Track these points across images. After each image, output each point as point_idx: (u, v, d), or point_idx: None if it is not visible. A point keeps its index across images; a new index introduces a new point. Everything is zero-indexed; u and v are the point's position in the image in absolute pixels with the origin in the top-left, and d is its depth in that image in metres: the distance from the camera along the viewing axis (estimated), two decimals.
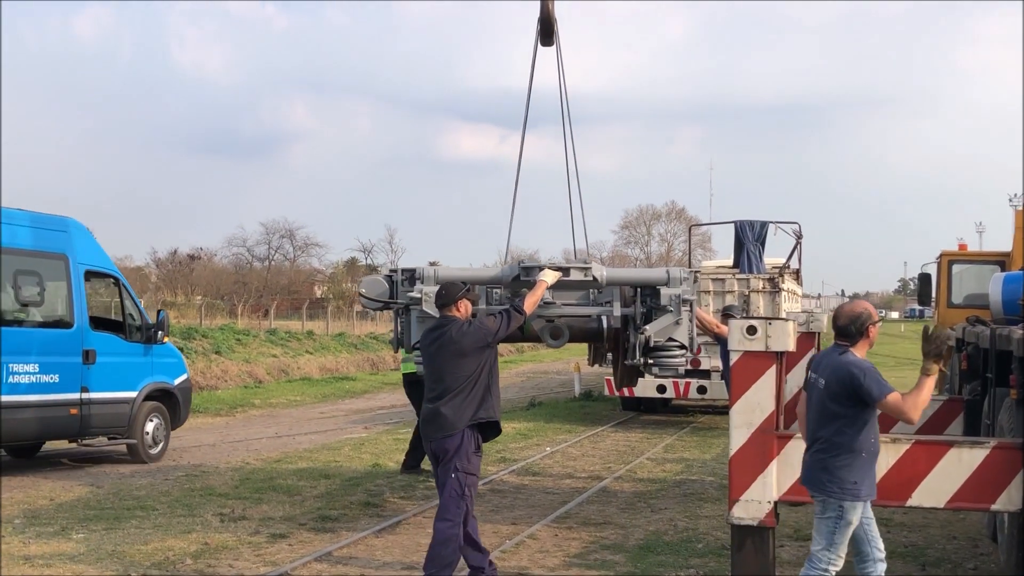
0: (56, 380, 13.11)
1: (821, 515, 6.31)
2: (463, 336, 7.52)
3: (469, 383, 7.50)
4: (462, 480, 7.45)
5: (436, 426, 7.52)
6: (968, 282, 16.12)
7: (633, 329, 9.09)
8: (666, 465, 14.04)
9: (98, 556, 8.74)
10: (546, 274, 8.43)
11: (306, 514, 10.53)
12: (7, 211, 13.04)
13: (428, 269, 8.83)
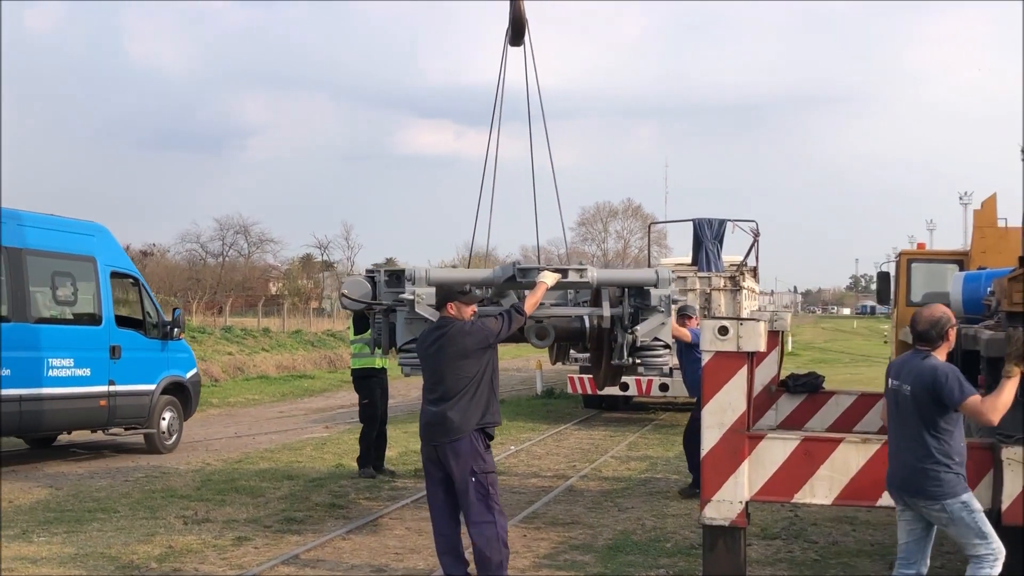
0: (88, 374, 14.14)
1: (948, 521, 6.16)
2: (465, 337, 7.46)
3: (472, 385, 7.44)
4: (483, 480, 7.42)
5: (443, 430, 7.43)
6: (926, 281, 16.28)
7: (620, 329, 9.10)
8: (631, 463, 14.06)
9: (61, 560, 8.60)
10: (546, 276, 8.37)
11: (270, 516, 10.43)
12: (43, 216, 14.30)
13: (420, 270, 8.74)
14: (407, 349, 8.79)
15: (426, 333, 7.80)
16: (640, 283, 9.10)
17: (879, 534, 9.69)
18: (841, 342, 59.25)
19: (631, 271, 9.92)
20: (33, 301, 13.63)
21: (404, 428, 18.25)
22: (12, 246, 13.31)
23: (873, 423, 11.44)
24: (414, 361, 8.70)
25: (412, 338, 8.71)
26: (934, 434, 6.07)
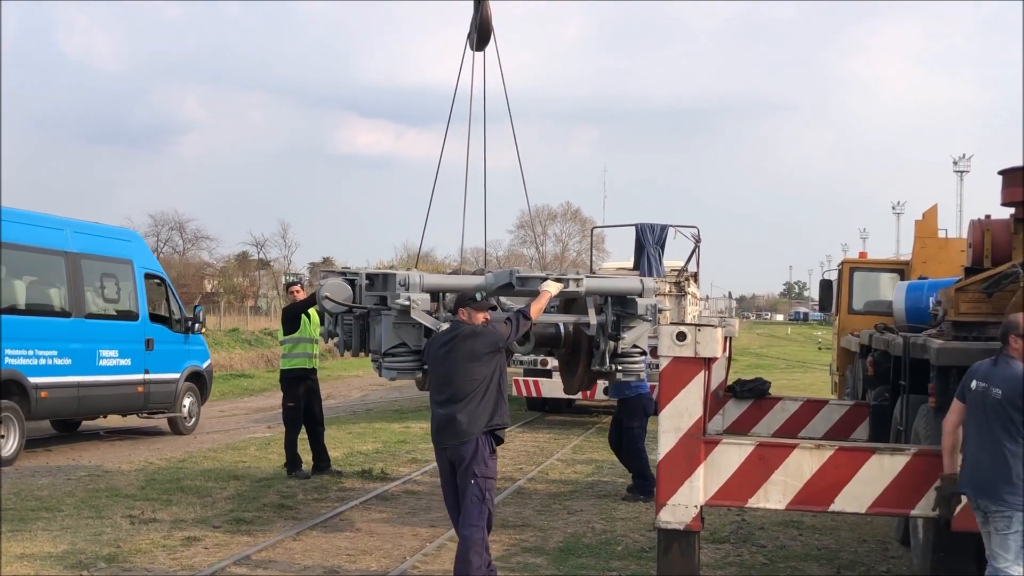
0: (129, 363, 16.13)
1: (1006, 530, 6.09)
2: (475, 339, 7.59)
3: (481, 387, 7.55)
4: (482, 485, 7.51)
5: (451, 433, 7.53)
6: (867, 289, 16.54)
7: (603, 336, 9.18)
8: (576, 466, 14.13)
9: (6, 560, 8.46)
10: (550, 285, 8.44)
11: (219, 516, 10.34)
12: (91, 224, 16.54)
13: (414, 276, 8.72)
14: (393, 353, 8.74)
15: (437, 336, 7.90)
16: (626, 292, 9.24)
17: (826, 538, 9.84)
18: (776, 348, 59.95)
19: (618, 279, 10.01)
20: (86, 299, 15.47)
21: (348, 429, 18.22)
22: (72, 251, 15.26)
23: (818, 429, 11.66)
24: (401, 365, 8.70)
25: (399, 343, 8.68)
26: (1016, 437, 6.07)
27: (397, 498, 11.59)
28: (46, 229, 15.13)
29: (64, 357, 14.75)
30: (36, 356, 14.32)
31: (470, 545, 7.41)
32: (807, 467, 7.22)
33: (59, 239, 15.18)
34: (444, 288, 9.24)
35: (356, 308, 9.17)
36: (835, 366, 17.41)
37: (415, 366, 8.80)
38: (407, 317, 8.60)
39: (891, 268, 16.70)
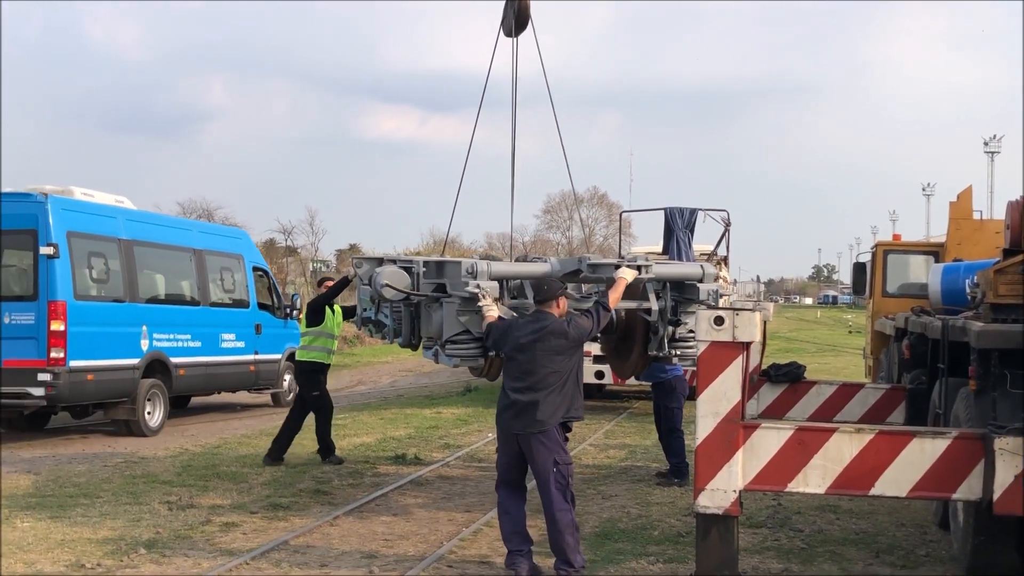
0: (243, 346, 18.58)
1: None
2: (563, 336, 7.73)
3: (561, 380, 7.73)
4: (565, 472, 7.74)
5: (527, 421, 7.68)
6: (902, 271, 16.42)
7: (663, 322, 9.15)
8: (609, 451, 14.12)
9: (48, 546, 8.54)
10: (625, 272, 8.37)
11: (255, 502, 10.40)
12: (210, 224, 22.16)
13: (482, 264, 8.65)
14: (455, 340, 8.69)
15: (523, 324, 7.92)
16: (688, 278, 9.20)
17: (863, 522, 9.79)
18: (806, 332, 59.58)
19: (680, 265, 10.01)
20: (210, 290, 18.10)
21: (379, 415, 18.31)
22: (198, 248, 18.00)
23: (853, 413, 11.57)
24: (464, 352, 8.66)
25: (462, 330, 8.62)
26: None
27: (431, 483, 11.62)
28: (178, 230, 18.43)
29: (195, 340, 17.25)
30: (175, 339, 16.78)
31: (564, 527, 7.66)
32: (847, 451, 7.18)
33: (188, 238, 18.10)
34: (511, 275, 9.20)
35: (415, 296, 9.14)
36: (869, 349, 17.29)
37: (478, 353, 8.74)
38: (472, 305, 8.54)
39: (925, 250, 16.57)
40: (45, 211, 14.56)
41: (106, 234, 15.78)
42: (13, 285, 14.92)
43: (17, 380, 14.40)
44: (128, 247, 16.10)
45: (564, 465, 7.77)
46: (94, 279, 15.45)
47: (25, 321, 14.53)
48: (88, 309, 15.00)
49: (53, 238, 14.53)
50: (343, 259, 65.99)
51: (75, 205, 15.45)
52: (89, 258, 15.31)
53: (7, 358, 14.43)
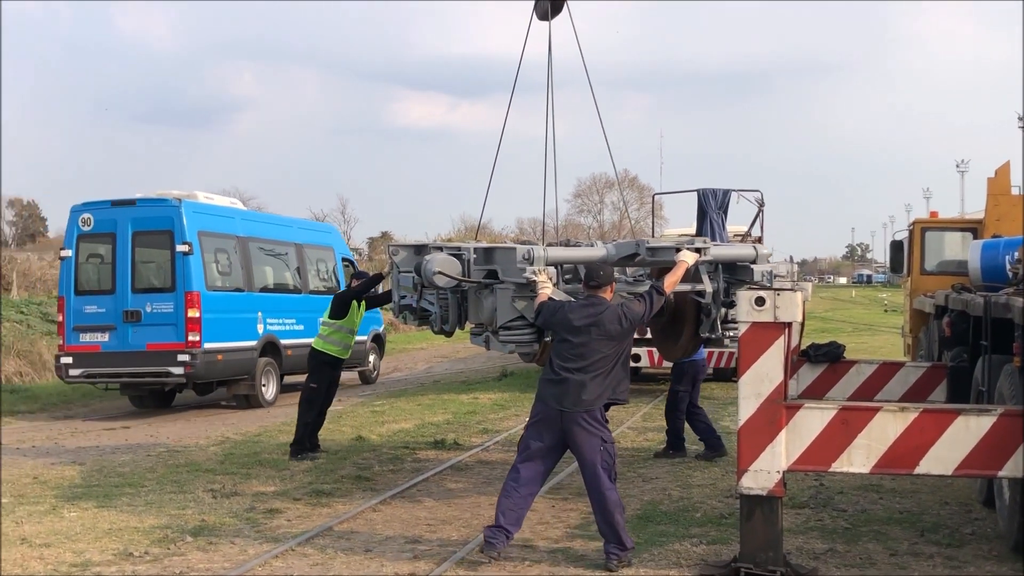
0: None
1: None
2: (617, 322, 7.73)
3: (610, 364, 7.76)
4: (610, 451, 7.81)
5: (575, 400, 7.68)
6: (939, 249, 16.28)
7: (715, 304, 9.12)
8: (648, 434, 14.11)
9: (96, 535, 8.64)
10: (686, 255, 8.30)
11: (298, 489, 10.47)
12: (306, 220, 23.74)
13: (538, 250, 8.62)
14: (509, 327, 8.68)
15: (574, 307, 7.89)
16: (741, 259, 9.11)
17: (907, 502, 9.74)
18: (841, 311, 59.22)
19: (734, 246, 9.98)
20: (309, 279, 20.36)
21: (417, 401, 18.36)
22: (298, 242, 20.37)
23: (894, 392, 11.50)
24: (518, 338, 8.64)
25: (517, 316, 8.60)
26: None
27: (471, 468, 11.66)
28: (282, 227, 20.67)
29: (299, 324, 19.14)
30: (283, 323, 18.86)
31: (613, 507, 7.69)
32: (891, 430, 7.14)
33: (290, 234, 20.45)
34: (567, 260, 9.16)
35: (466, 282, 9.13)
36: (907, 328, 17.16)
37: (533, 338, 8.71)
38: (526, 291, 8.52)
39: (963, 227, 16.41)
40: (180, 214, 16.83)
41: (227, 232, 18.13)
42: (153, 279, 17.32)
43: (160, 361, 16.71)
44: (244, 243, 18.53)
45: (610, 444, 7.82)
46: (219, 272, 17.74)
47: (165, 310, 16.86)
48: (216, 298, 17.31)
49: (187, 237, 16.83)
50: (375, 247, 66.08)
51: (202, 208, 17.68)
52: (215, 254, 17.66)
53: (150, 342, 16.81)
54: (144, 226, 17.05)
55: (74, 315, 17.20)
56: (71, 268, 17.33)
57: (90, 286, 17.40)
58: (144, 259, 17.33)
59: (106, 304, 17.09)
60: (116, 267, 17.06)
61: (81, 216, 17.40)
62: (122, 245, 17.04)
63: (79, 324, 17.16)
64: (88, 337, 17.09)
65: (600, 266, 8.25)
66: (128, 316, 16.88)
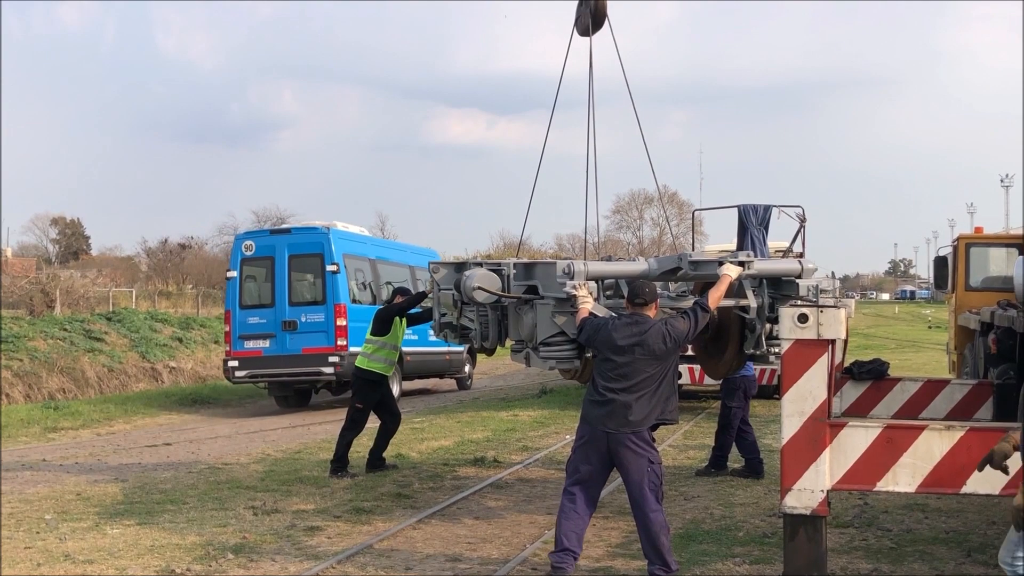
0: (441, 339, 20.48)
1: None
2: (663, 341, 7.61)
3: (656, 383, 7.63)
4: (658, 472, 7.69)
5: (623, 420, 7.57)
6: (984, 265, 16.10)
7: (760, 320, 9.02)
8: (689, 452, 14.02)
9: (138, 552, 8.67)
10: (730, 269, 8.19)
11: (339, 506, 10.48)
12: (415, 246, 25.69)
13: (578, 264, 8.58)
14: (549, 343, 8.65)
15: (618, 325, 7.75)
16: (786, 274, 8.98)
17: (953, 521, 9.61)
18: (884, 328, 58.71)
19: (779, 261, 9.85)
20: None
21: (456, 418, 18.35)
22: (410, 264, 23.84)
23: (939, 410, 11.35)
24: (559, 354, 8.60)
25: (557, 331, 8.57)
26: None
27: (511, 486, 11.63)
28: (399, 251, 24.50)
29: (414, 334, 19.73)
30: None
31: (659, 528, 7.58)
32: (937, 449, 7.05)
33: (405, 257, 24.06)
34: (608, 275, 9.11)
35: (506, 298, 9.11)
36: (952, 345, 16.98)
37: (573, 355, 8.66)
38: (567, 306, 8.48)
39: (1009, 243, 16.21)
40: (329, 240, 20.38)
41: (362, 255, 21.70)
42: (306, 293, 20.53)
43: (313, 362, 20.00)
44: (374, 265, 22.15)
45: (658, 465, 7.70)
46: (358, 288, 21.13)
47: (317, 319, 20.17)
48: (357, 310, 20.47)
49: (335, 259, 20.30)
50: None
51: (344, 234, 21.24)
52: (355, 273, 21.11)
53: (305, 347, 20.11)
54: (298, 250, 20.49)
55: (239, 326, 20.57)
56: (236, 287, 20.73)
57: (252, 301, 20.78)
58: (298, 278, 20.69)
59: (267, 316, 20.50)
60: (275, 285, 20.49)
61: (244, 243, 20.89)
62: (280, 266, 20.44)
63: (244, 333, 20.54)
64: (252, 344, 20.46)
65: (645, 283, 8.10)
66: (286, 325, 20.30)
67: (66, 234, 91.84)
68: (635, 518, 7.74)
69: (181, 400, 23.02)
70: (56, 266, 64.70)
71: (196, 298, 44.34)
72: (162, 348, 26.61)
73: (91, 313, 29.86)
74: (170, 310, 38.03)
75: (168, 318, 30.94)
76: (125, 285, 51.77)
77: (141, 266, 77.14)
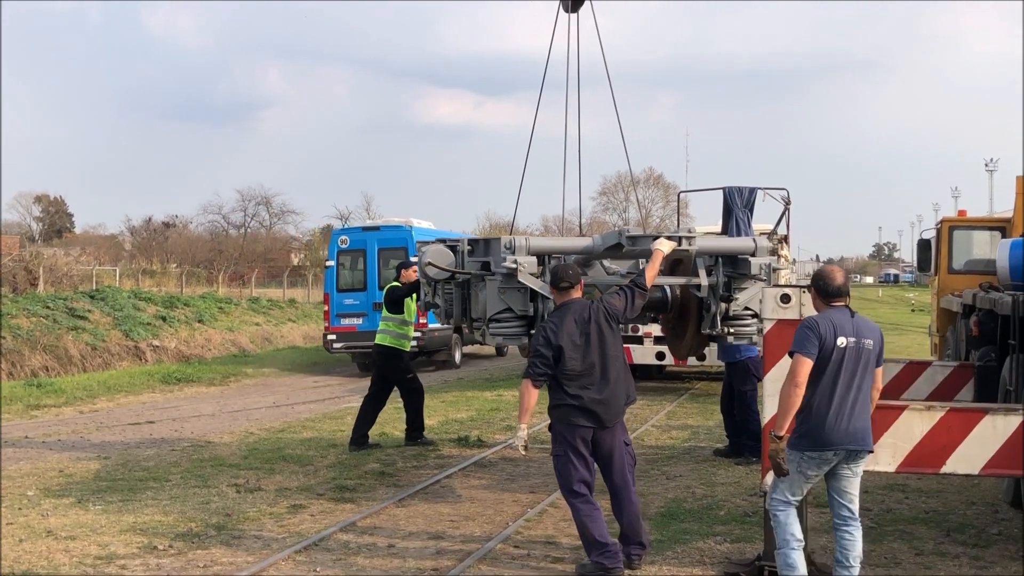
0: None
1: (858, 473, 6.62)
2: (606, 316, 7.45)
3: (619, 362, 7.49)
4: (631, 451, 7.67)
5: (616, 411, 7.47)
6: (967, 248, 16.14)
7: (715, 298, 8.98)
8: (672, 432, 14.06)
9: (120, 528, 8.68)
10: (662, 244, 8.05)
11: (321, 484, 10.49)
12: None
13: (520, 239, 8.58)
14: (498, 319, 8.66)
15: (560, 323, 7.40)
16: (739, 252, 8.96)
17: (933, 501, 9.67)
18: (868, 311, 58.69)
19: (730, 239, 9.78)
20: None
21: (441, 397, 18.36)
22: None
23: (921, 391, 11.39)
24: (507, 331, 8.60)
25: (504, 308, 8.58)
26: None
27: (495, 465, 11.65)
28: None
29: None
30: None
31: (638, 509, 7.63)
32: (918, 429, 7.09)
33: None
34: (550, 250, 9.02)
35: (459, 274, 9.12)
36: (935, 327, 17.04)
37: (521, 331, 8.69)
38: (513, 281, 8.48)
39: (992, 226, 16.25)
40: (411, 235, 23.29)
41: None
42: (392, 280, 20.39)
43: None
44: None
45: (630, 445, 7.71)
46: None
47: None
48: None
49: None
50: None
51: (421, 230, 24.04)
52: None
53: None
54: (386, 244, 23.80)
55: (336, 306, 23.92)
56: (334, 274, 24.17)
57: (347, 285, 24.12)
58: (386, 266, 23.34)
59: (360, 298, 23.72)
60: (367, 272, 23.85)
61: (340, 237, 24.58)
62: (371, 257, 23.85)
63: (340, 312, 23.88)
64: (347, 321, 23.76)
65: (567, 265, 7.89)
66: (376, 306, 21.98)
67: (49, 212, 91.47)
68: (619, 500, 7.59)
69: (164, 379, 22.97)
70: (39, 244, 64.52)
71: (180, 277, 44.18)
72: (145, 327, 26.48)
73: (74, 291, 29.69)
74: (154, 289, 37.85)
75: (152, 297, 30.81)
76: (109, 263, 51.52)
77: (125, 244, 76.95)
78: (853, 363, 6.45)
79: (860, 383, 6.46)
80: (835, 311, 6.56)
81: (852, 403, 6.44)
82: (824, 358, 6.40)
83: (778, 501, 6.69)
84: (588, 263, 9.30)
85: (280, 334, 32.49)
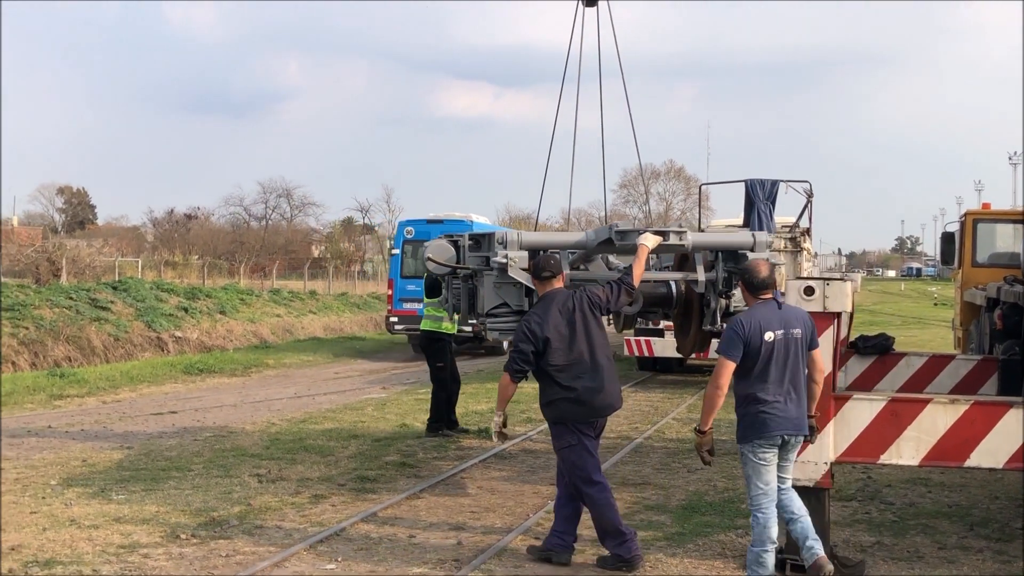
0: None
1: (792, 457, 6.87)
2: (588, 304, 7.46)
3: (604, 350, 7.52)
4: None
5: (616, 398, 7.56)
6: (991, 240, 16.02)
7: (714, 294, 8.96)
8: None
9: (143, 517, 8.72)
10: (647, 238, 8.03)
11: (343, 475, 10.52)
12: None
13: (512, 234, 8.61)
14: (495, 314, 8.69)
15: (546, 315, 7.38)
16: (737, 247, 8.91)
17: (956, 495, 9.63)
18: (890, 304, 58.60)
19: (727, 235, 9.74)
20: None
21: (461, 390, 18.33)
22: None
23: (944, 385, 11.32)
24: (503, 325, 8.63)
25: (501, 303, 8.62)
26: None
27: (515, 457, 11.66)
28: None
29: None
30: None
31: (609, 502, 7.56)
32: (941, 422, 7.06)
33: None
34: (543, 245, 8.96)
35: (459, 269, 9.12)
36: (958, 321, 16.94)
37: (517, 326, 8.69)
38: (506, 276, 8.50)
39: (1016, 219, 16.14)
40: (471, 228, 23.09)
41: None
42: None
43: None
44: None
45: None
46: None
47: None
48: None
49: None
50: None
51: (480, 225, 25.21)
52: None
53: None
54: None
55: (399, 291, 25.41)
56: (398, 261, 25.68)
57: (410, 272, 25.02)
58: None
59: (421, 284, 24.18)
60: None
61: (406, 228, 25.90)
62: None
63: (403, 296, 25.20)
64: (409, 305, 24.59)
65: (549, 255, 7.89)
66: None
67: (72, 203, 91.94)
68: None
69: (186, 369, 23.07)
70: (62, 235, 64.77)
71: (202, 268, 44.30)
72: (168, 318, 26.60)
73: (97, 282, 29.85)
74: (176, 280, 38.04)
75: (174, 288, 30.95)
76: (131, 255, 51.80)
77: (147, 236, 77.27)
78: (783, 355, 6.62)
79: (794, 372, 6.65)
80: (762, 305, 6.71)
81: (787, 392, 6.65)
82: (753, 355, 6.60)
83: (757, 495, 6.80)
84: (589, 258, 9.28)
85: (301, 325, 32.58)
